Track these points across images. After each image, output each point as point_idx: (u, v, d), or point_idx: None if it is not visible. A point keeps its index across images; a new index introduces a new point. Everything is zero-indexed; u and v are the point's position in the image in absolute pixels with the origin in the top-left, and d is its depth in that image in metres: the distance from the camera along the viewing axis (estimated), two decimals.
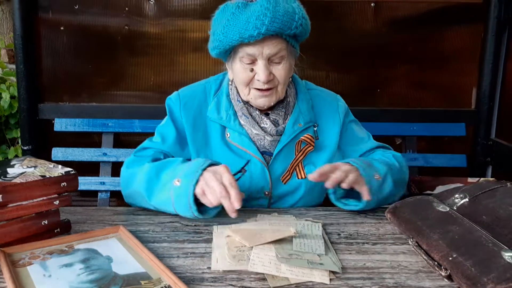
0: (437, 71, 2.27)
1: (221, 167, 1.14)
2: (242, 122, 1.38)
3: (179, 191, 1.14)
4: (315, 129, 1.43)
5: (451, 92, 2.30)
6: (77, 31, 2.15)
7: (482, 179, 1.27)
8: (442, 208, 1.15)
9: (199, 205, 1.14)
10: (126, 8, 2.13)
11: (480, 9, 2.20)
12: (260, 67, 1.27)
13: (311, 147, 1.38)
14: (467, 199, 1.16)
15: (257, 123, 1.37)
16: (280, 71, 1.29)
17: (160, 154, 1.39)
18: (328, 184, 1.20)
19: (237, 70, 1.32)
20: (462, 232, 1.01)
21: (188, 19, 2.17)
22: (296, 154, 1.39)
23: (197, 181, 1.12)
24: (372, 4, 2.18)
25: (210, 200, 1.10)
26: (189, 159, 1.39)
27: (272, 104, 1.35)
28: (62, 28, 2.13)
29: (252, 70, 1.29)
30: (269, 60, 1.28)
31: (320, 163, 1.38)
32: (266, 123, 1.37)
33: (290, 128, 1.38)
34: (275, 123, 1.38)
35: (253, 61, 1.28)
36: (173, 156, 1.40)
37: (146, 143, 1.44)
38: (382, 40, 2.22)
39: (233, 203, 1.07)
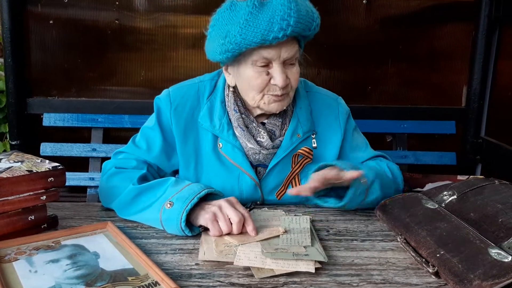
0: (428, 69, 2.29)
1: (233, 198, 1.12)
2: (237, 134, 1.29)
3: (169, 215, 1.08)
4: (313, 137, 1.35)
5: (441, 90, 2.32)
6: (66, 25, 2.13)
7: (471, 176, 1.27)
8: (431, 205, 1.15)
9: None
10: (117, 2, 2.12)
11: (471, 8, 2.22)
12: (277, 71, 1.18)
13: (309, 159, 1.30)
14: (455, 196, 1.16)
15: (253, 136, 1.29)
16: (294, 74, 1.22)
17: (144, 165, 1.30)
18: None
19: (249, 75, 1.21)
20: (450, 229, 1.01)
21: (179, 15, 2.16)
22: (293, 166, 1.31)
23: (192, 207, 1.08)
24: (364, 1, 2.18)
25: (221, 227, 1.06)
26: (177, 170, 1.36)
27: (284, 108, 1.27)
28: (51, 21, 2.11)
29: (268, 73, 1.20)
30: (284, 63, 1.20)
31: None
32: (263, 137, 1.29)
33: (288, 140, 1.30)
34: (271, 134, 1.31)
35: (267, 64, 1.19)
36: (158, 167, 1.34)
37: (128, 147, 1.35)
38: (373, 38, 2.23)
39: (250, 233, 1.06)
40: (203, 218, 1.08)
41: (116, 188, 1.23)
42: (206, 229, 1.09)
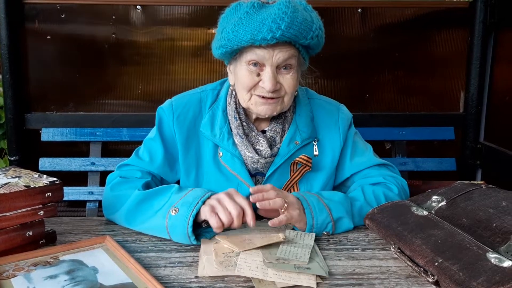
0: (425, 76, 2.29)
1: (232, 189, 1.13)
2: (236, 142, 1.30)
3: (175, 221, 1.09)
4: (315, 144, 1.35)
5: (439, 96, 2.32)
6: (64, 40, 2.13)
7: (457, 182, 1.26)
8: (421, 212, 1.14)
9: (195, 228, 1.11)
10: (113, 17, 2.12)
11: (466, 14, 2.22)
12: (267, 74, 1.19)
13: (308, 167, 1.29)
14: (444, 203, 1.15)
15: (252, 144, 1.29)
16: (288, 80, 1.22)
17: (148, 176, 1.32)
18: (270, 223, 1.09)
19: (241, 73, 1.23)
20: (444, 236, 1.00)
21: (176, 28, 2.17)
22: (291, 174, 1.31)
23: (197, 212, 1.08)
24: (359, 10, 2.19)
25: (221, 219, 1.05)
26: (178, 181, 1.37)
27: (275, 113, 1.27)
28: (48, 37, 2.12)
29: (258, 75, 1.21)
30: (277, 68, 1.20)
31: (317, 184, 1.34)
32: (262, 145, 1.29)
33: (285, 147, 1.30)
34: (271, 141, 1.31)
35: (261, 66, 1.20)
36: (161, 177, 1.35)
37: (132, 159, 1.36)
38: (369, 46, 2.24)
39: (249, 223, 1.06)
40: (203, 212, 1.08)
41: (121, 197, 1.23)
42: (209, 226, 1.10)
